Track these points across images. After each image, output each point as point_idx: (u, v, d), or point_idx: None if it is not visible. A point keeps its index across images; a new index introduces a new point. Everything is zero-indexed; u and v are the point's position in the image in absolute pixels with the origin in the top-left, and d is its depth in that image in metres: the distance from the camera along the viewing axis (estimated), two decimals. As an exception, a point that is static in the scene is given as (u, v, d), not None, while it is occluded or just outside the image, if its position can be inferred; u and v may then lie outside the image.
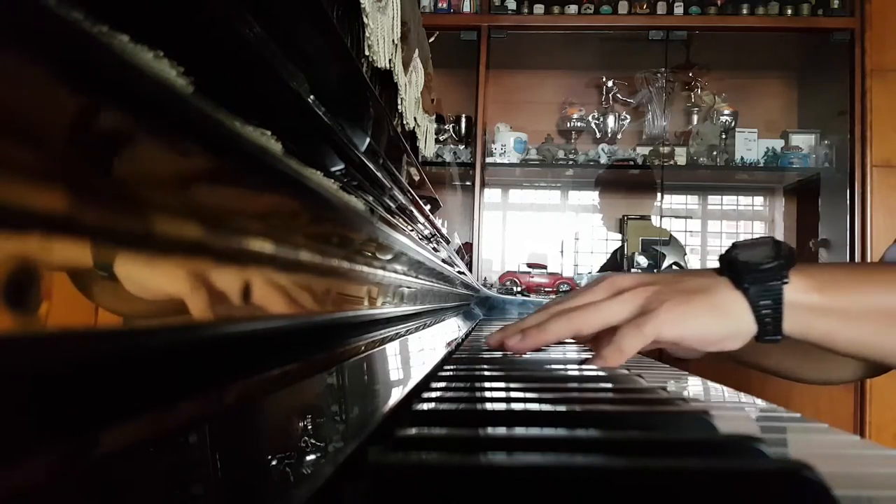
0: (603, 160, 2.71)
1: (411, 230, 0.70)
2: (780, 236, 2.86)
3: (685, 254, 2.77)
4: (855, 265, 0.54)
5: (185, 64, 0.16)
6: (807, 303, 0.54)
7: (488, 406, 0.36)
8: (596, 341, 0.60)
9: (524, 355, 0.62)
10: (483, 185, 2.62)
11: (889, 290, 0.55)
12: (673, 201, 2.96)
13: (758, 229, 2.95)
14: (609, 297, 0.57)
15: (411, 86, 0.83)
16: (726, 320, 0.54)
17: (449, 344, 0.68)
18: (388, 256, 0.41)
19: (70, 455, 0.11)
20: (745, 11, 2.54)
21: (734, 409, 0.44)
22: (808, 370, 0.78)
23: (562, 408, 0.34)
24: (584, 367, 0.57)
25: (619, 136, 2.83)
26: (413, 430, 0.27)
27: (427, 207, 0.88)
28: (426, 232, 0.86)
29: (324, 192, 0.25)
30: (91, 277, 0.12)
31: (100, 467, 0.12)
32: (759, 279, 0.54)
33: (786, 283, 0.54)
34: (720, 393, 0.52)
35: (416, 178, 0.89)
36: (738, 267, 0.55)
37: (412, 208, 0.73)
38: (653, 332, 0.53)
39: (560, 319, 0.57)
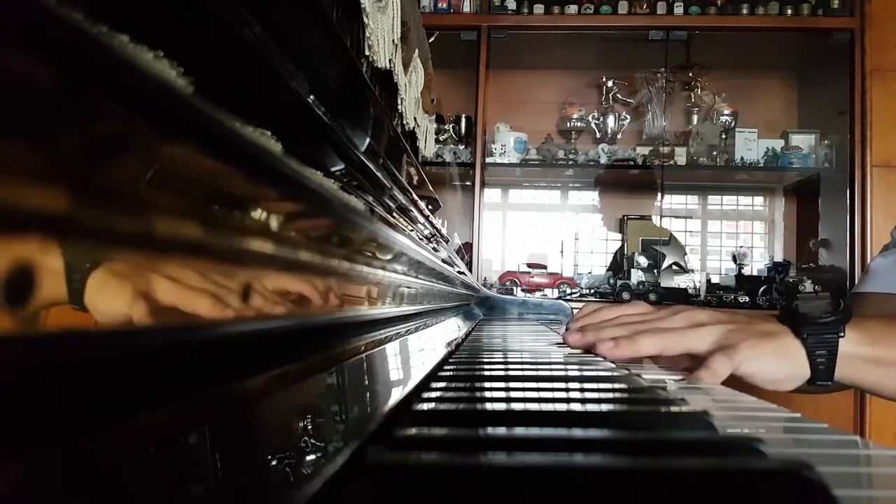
0: (603, 160, 2.71)
1: (411, 230, 0.70)
2: (780, 236, 2.86)
3: (685, 254, 2.77)
4: None
5: (185, 64, 0.16)
6: (859, 354, 0.62)
7: (488, 406, 0.36)
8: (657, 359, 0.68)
9: (523, 356, 0.62)
10: (483, 185, 2.63)
11: None
12: (673, 201, 2.96)
13: (758, 229, 2.96)
14: (689, 327, 0.64)
15: (411, 86, 0.83)
16: (789, 364, 0.61)
17: (449, 344, 0.68)
18: (388, 256, 0.41)
19: (70, 455, 0.11)
20: (745, 11, 2.54)
21: (734, 409, 0.44)
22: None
23: (562, 408, 0.34)
24: (583, 367, 0.57)
25: (619, 136, 2.83)
26: (413, 430, 0.27)
27: (427, 207, 0.88)
28: (426, 232, 0.86)
29: (324, 191, 0.25)
30: (91, 277, 0.12)
31: (100, 467, 0.12)
32: (817, 331, 0.61)
33: (841, 336, 0.61)
34: (720, 393, 0.52)
35: (416, 178, 0.89)
36: (798, 318, 0.62)
37: (412, 208, 0.73)
38: (737, 363, 0.60)
39: (650, 337, 0.64)
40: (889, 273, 0.97)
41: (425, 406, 0.33)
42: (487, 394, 0.41)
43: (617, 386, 0.45)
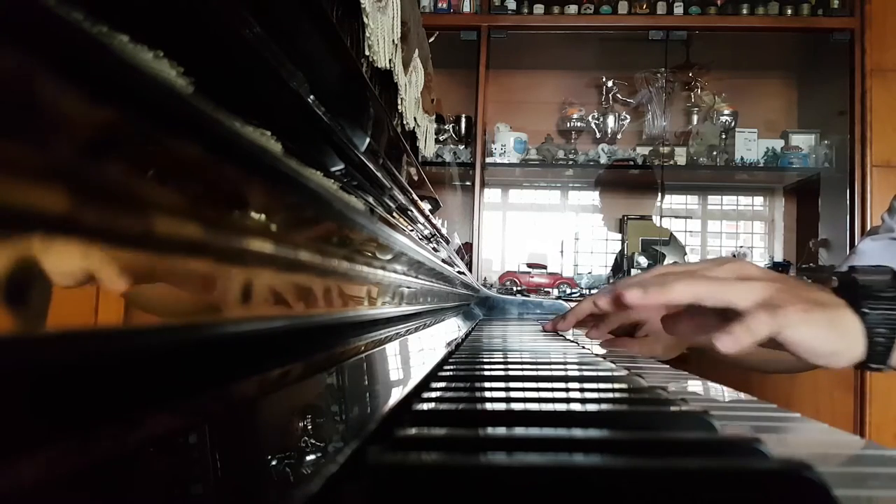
0: (603, 160, 2.71)
1: (411, 230, 0.70)
2: (780, 236, 2.86)
3: (685, 254, 2.77)
4: None
5: (185, 64, 0.16)
6: None
7: (488, 406, 0.36)
8: (664, 322, 0.61)
9: (524, 356, 0.62)
10: (483, 185, 2.63)
11: None
12: (673, 201, 2.96)
13: (758, 229, 2.96)
14: (735, 279, 0.57)
15: (411, 86, 0.83)
16: (840, 339, 0.54)
17: (449, 344, 0.68)
18: (388, 256, 0.41)
19: (70, 455, 0.11)
20: (744, 11, 2.54)
21: (734, 409, 0.44)
22: (772, 367, 0.83)
23: (562, 408, 0.34)
24: (583, 367, 0.57)
25: (619, 136, 2.83)
26: (413, 431, 0.27)
27: (427, 207, 0.88)
28: (426, 232, 0.86)
29: (324, 191, 0.25)
30: (91, 277, 0.12)
31: (100, 467, 0.12)
32: (880, 306, 0.54)
33: None
34: (720, 393, 0.52)
35: (416, 178, 0.89)
36: (857, 290, 0.55)
37: (412, 208, 0.73)
38: (780, 326, 0.53)
39: (686, 282, 0.56)
40: (876, 258, 0.93)
41: (425, 406, 0.33)
42: (487, 394, 0.41)
43: (617, 386, 0.45)
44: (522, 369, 0.53)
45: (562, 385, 0.43)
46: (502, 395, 0.40)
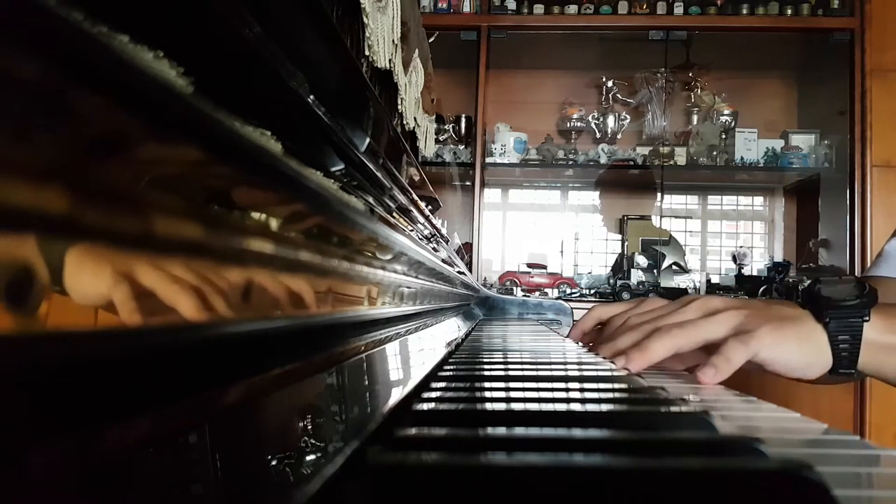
0: (603, 160, 2.71)
1: (411, 230, 0.70)
2: (780, 236, 2.86)
3: (685, 254, 2.77)
4: None
5: (185, 64, 0.16)
6: (885, 342, 0.58)
7: (488, 406, 0.36)
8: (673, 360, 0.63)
9: (523, 356, 0.62)
10: (483, 185, 2.63)
11: None
12: (673, 201, 2.96)
13: (758, 229, 2.96)
14: (703, 316, 0.61)
15: (411, 86, 0.83)
16: (810, 351, 0.58)
17: (449, 344, 0.68)
18: (388, 256, 0.41)
19: (70, 455, 0.11)
20: (745, 11, 2.54)
21: (734, 409, 0.44)
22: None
23: (561, 408, 0.34)
24: (583, 367, 0.57)
25: (619, 136, 2.83)
26: (413, 431, 0.27)
27: (427, 207, 0.88)
28: (426, 232, 0.86)
29: (324, 192, 0.25)
30: (91, 277, 0.12)
31: (100, 467, 0.12)
32: (840, 315, 0.58)
33: (866, 321, 0.57)
34: (720, 393, 0.52)
35: (416, 178, 0.89)
36: (820, 301, 0.59)
37: (412, 208, 0.73)
38: (755, 349, 0.57)
39: (661, 338, 0.60)
40: None
41: (425, 406, 0.33)
42: (487, 394, 0.41)
43: (616, 386, 0.45)
44: (522, 369, 0.53)
45: (561, 385, 0.43)
46: (502, 395, 0.40)
